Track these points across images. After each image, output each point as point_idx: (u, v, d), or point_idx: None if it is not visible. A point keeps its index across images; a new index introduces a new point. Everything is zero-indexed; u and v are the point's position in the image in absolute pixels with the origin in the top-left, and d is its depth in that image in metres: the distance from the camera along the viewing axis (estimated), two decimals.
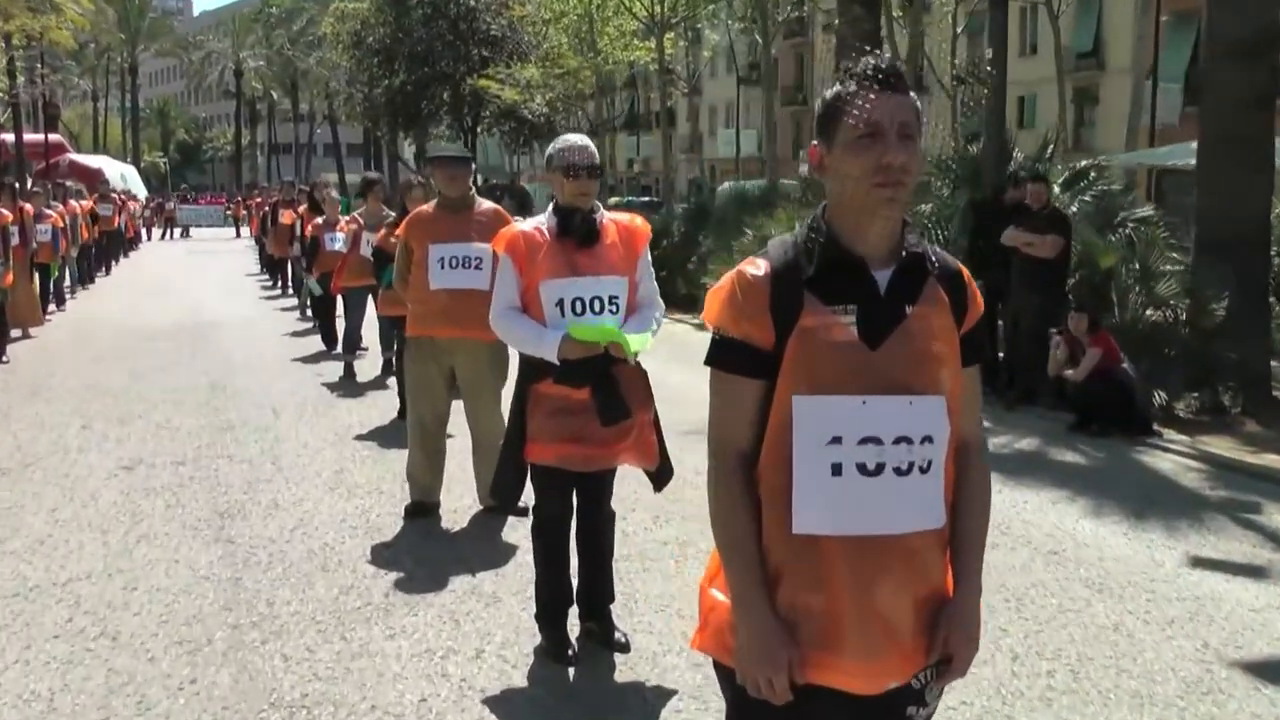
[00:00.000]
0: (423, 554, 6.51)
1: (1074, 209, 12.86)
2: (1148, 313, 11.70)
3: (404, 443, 8.83)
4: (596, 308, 4.75)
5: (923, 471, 2.40)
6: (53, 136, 46.49)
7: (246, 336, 16.28)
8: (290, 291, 22.35)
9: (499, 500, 5.17)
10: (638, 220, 5.05)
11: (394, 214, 12.73)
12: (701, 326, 17.10)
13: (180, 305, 20.90)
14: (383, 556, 6.45)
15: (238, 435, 9.66)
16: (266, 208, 26.80)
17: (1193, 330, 11.52)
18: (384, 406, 10.89)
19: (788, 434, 2.38)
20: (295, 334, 16.70)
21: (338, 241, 13.66)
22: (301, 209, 17.59)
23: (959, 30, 41.36)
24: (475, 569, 6.23)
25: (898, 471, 2.37)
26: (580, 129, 44.99)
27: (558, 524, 5.01)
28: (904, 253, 2.45)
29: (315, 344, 15.19)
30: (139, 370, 13.11)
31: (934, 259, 2.48)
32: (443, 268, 6.92)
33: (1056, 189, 13.65)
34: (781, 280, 2.41)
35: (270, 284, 25.15)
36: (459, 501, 7.53)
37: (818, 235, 2.45)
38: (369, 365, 13.16)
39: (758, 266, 2.44)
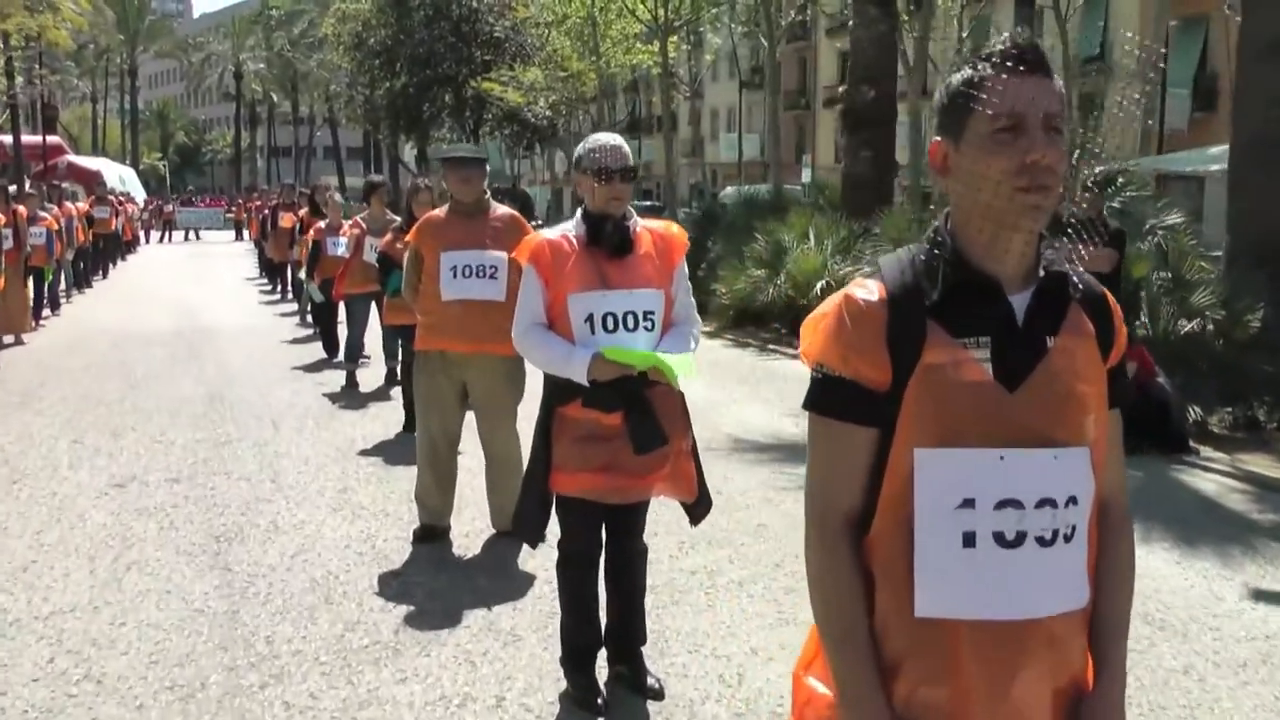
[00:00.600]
0: (434, 585, 6.07)
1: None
2: (1180, 324, 11.28)
3: (410, 459, 8.44)
4: (629, 324, 4.32)
5: (1067, 540, 1.98)
6: (51, 138, 46.00)
7: (245, 343, 15.85)
8: (290, 296, 21.93)
9: (521, 535, 4.73)
10: (674, 228, 4.62)
11: (398, 219, 12.41)
12: (712, 333, 16.68)
13: (178, 310, 20.47)
14: (391, 587, 6.02)
15: (236, 450, 9.23)
16: (266, 211, 26.42)
17: (1227, 342, 11.08)
18: (388, 419, 10.46)
19: (908, 495, 1.96)
20: (295, 341, 16.27)
21: (340, 246, 13.24)
22: (302, 212, 17.15)
23: (964, 34, 41.04)
24: (491, 602, 5.79)
25: (1040, 542, 1.95)
26: (583, 132, 44.63)
27: (585, 561, 4.58)
28: (1042, 272, 2.02)
29: (315, 351, 14.76)
30: (134, 379, 12.68)
31: (1077, 280, 2.05)
32: (455, 277, 6.49)
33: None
34: (899, 306, 1.99)
35: (270, 288, 24.73)
36: (470, 525, 7.10)
37: (942, 251, 2.02)
38: (371, 375, 12.74)
39: (869, 290, 2.02)
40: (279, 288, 23.72)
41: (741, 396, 11.97)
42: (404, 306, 9.22)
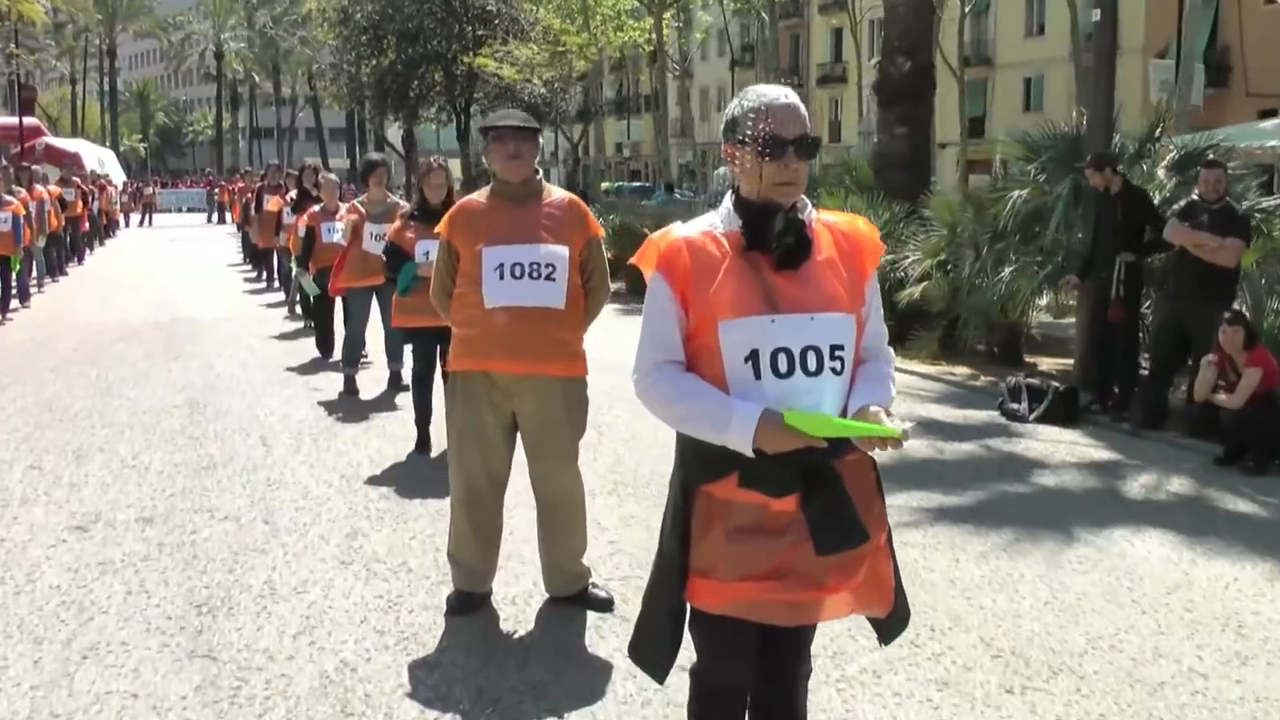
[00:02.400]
0: (480, 680, 4.67)
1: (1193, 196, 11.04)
2: None
3: (429, 489, 7.16)
4: (810, 364, 2.90)
5: None
6: (29, 120, 44.32)
7: (230, 340, 14.38)
8: (277, 285, 20.45)
9: (644, 664, 3.30)
10: (860, 223, 3.18)
11: (401, 201, 10.99)
12: None
13: (156, 301, 18.98)
14: (426, 687, 4.60)
15: (220, 477, 7.81)
16: (250, 194, 24.93)
17: None
18: (396, 436, 9.04)
19: None
20: (284, 336, 14.81)
21: (336, 232, 11.84)
22: (290, 195, 15.64)
23: (966, 9, 39.65)
24: (563, 709, 4.40)
25: None
26: (571, 111, 43.15)
27: (732, 695, 3.19)
28: None
29: (308, 349, 13.35)
30: (106, 383, 11.22)
31: None
32: (502, 278, 5.08)
33: (1161, 173, 11.87)
34: None
35: (255, 276, 23.22)
36: (516, 586, 5.70)
37: None
38: (371, 378, 11.33)
39: None
40: (264, 275, 22.22)
41: None
42: (418, 306, 7.90)
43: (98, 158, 46.51)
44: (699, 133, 71.86)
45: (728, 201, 3.08)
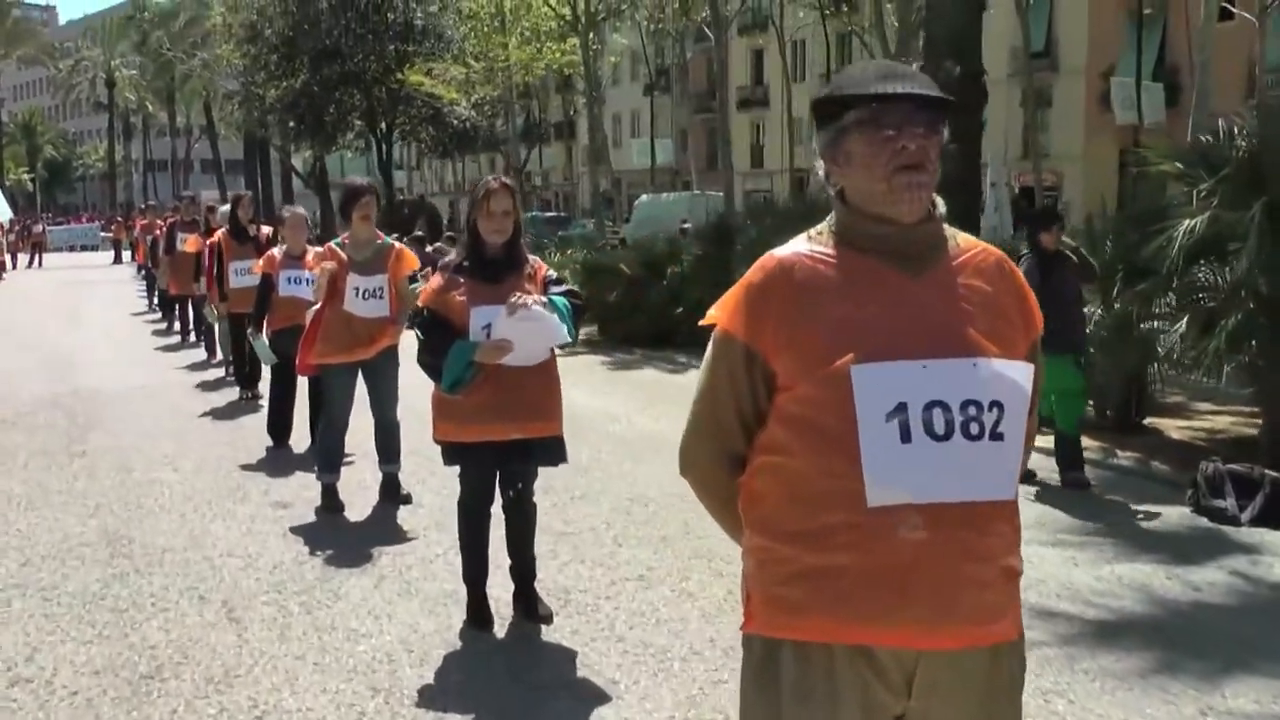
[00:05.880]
0: None
1: None
2: None
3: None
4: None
5: None
6: None
7: (149, 422, 11.19)
8: (195, 339, 17.23)
9: None
10: None
11: (394, 241, 8.07)
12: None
13: (50, 363, 15.64)
14: None
15: (174, 706, 4.78)
16: (157, 231, 21.67)
17: None
18: (429, 593, 6.08)
19: None
20: (218, 413, 11.67)
21: (302, 283, 8.89)
22: (220, 234, 12.49)
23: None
24: None
25: None
26: (506, 138, 40.14)
27: None
28: None
29: (253, 429, 10.33)
30: None
31: None
32: (907, 440, 2.18)
33: None
34: None
35: (164, 327, 19.90)
36: None
37: None
38: (356, 482, 8.33)
39: None
40: (175, 326, 18.92)
41: None
42: (477, 411, 5.07)
43: None
44: (615, 159, 69.23)
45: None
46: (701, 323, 2.59)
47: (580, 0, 30.74)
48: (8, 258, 38.78)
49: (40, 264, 43.57)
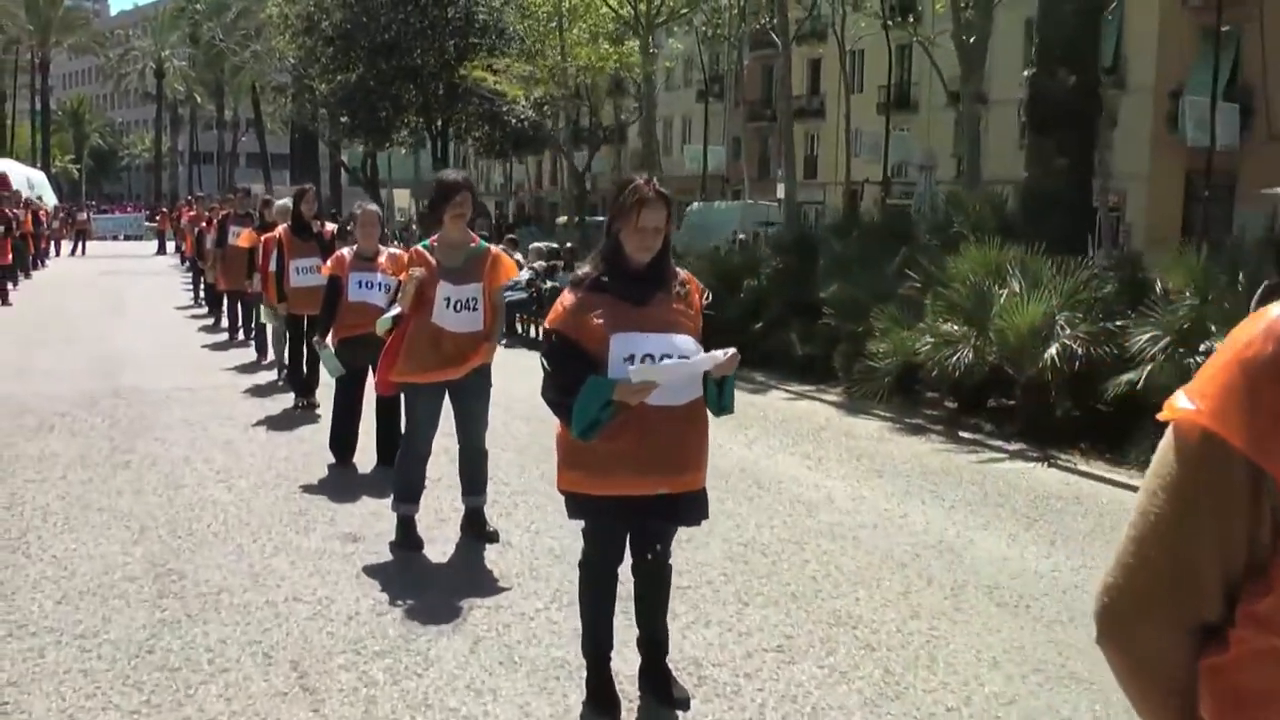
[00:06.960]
0: None
1: None
2: None
3: None
4: None
5: None
6: None
7: (200, 429, 10.30)
8: (246, 338, 16.34)
9: None
10: None
11: (490, 244, 7.15)
12: (894, 421, 11.57)
13: (92, 358, 14.80)
14: None
15: None
16: (204, 224, 20.91)
17: None
18: (534, 663, 5.12)
19: None
20: (273, 423, 10.76)
21: (375, 289, 7.98)
22: (280, 229, 11.62)
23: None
24: None
25: None
26: (564, 139, 39.31)
27: None
28: None
29: (312, 443, 9.43)
30: (10, 536, 7.07)
31: None
32: None
33: None
34: None
35: (212, 324, 19.01)
36: None
37: None
38: (433, 512, 7.40)
39: None
40: (223, 323, 18.03)
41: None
42: (617, 459, 4.12)
43: (27, 178, 42.00)
44: (665, 166, 68.38)
45: None
46: (1160, 416, 1.58)
47: (643, 2, 29.92)
48: (52, 244, 38.24)
49: (84, 251, 43.08)
